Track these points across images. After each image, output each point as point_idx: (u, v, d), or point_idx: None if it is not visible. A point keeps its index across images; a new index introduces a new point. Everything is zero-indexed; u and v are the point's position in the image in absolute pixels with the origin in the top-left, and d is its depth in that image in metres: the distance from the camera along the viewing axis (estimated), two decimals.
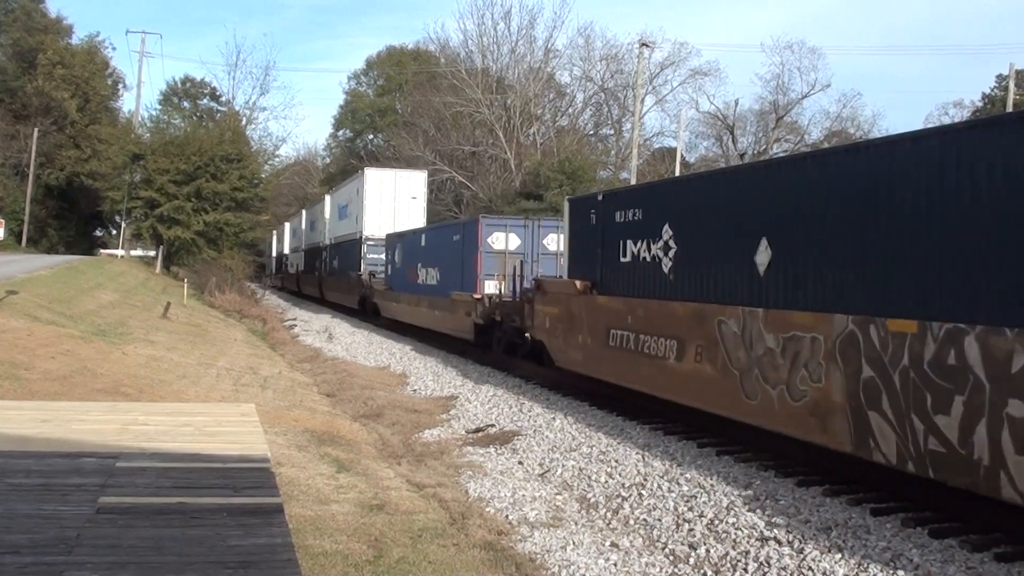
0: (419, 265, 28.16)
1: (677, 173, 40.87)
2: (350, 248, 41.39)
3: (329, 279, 47.11)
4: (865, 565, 7.43)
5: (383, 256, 35.43)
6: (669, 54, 60.33)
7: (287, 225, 71.64)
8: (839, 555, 7.65)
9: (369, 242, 38.16)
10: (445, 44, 66.09)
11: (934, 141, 8.44)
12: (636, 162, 46.16)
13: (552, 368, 17.03)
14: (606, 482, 10.43)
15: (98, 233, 71.34)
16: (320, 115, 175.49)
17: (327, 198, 50.35)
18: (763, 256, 10.53)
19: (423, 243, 28.37)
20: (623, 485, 10.22)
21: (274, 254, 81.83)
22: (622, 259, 14.24)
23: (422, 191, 40.21)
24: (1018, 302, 7.30)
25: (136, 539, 4.48)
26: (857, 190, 9.12)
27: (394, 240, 32.91)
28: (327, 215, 50.09)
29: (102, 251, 64.11)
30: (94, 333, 18.04)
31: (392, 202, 38.92)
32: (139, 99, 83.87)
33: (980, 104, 57.18)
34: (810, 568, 7.45)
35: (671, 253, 12.76)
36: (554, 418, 14.24)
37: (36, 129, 57.70)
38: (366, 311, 36.81)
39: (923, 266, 8.25)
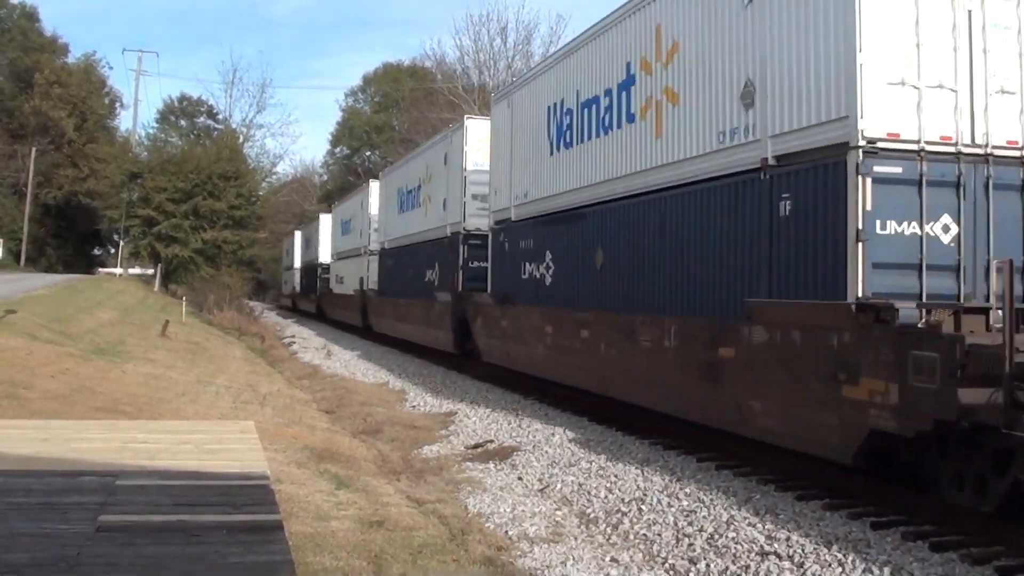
0: None
1: None
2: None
3: (531, 315, 17.93)
4: None
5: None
6: None
7: (323, 221, 51.85)
8: (839, 569, 7.64)
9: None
10: (441, 60, 66.30)
11: None
12: None
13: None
14: (606, 497, 10.41)
15: (96, 252, 71.41)
16: (317, 132, 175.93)
17: (463, 128, 23.32)
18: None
19: None
20: (623, 500, 10.21)
21: (296, 265, 61.60)
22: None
23: None
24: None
25: (136, 557, 4.49)
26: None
27: None
28: (506, 159, 20.27)
29: (100, 270, 64.10)
30: (93, 352, 18.02)
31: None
32: (136, 117, 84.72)
33: None
34: None
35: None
36: (553, 433, 14.22)
37: (33, 148, 57.84)
38: None
39: None
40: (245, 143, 63.93)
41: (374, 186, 36.50)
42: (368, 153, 79.82)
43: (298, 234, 62.47)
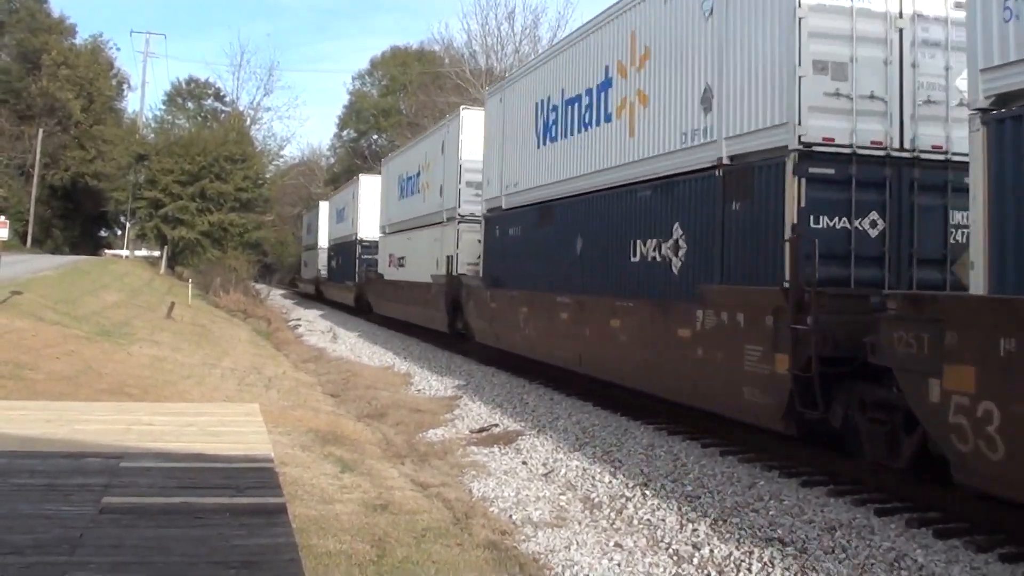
0: None
1: None
2: None
3: None
4: (869, 566, 7.41)
5: None
6: None
7: (364, 183, 40.36)
8: (843, 555, 7.63)
9: None
10: (449, 44, 66.06)
11: None
12: None
13: None
14: (610, 482, 10.42)
15: (103, 234, 71.53)
16: (324, 115, 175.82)
17: None
18: None
19: None
20: (627, 485, 10.22)
21: (323, 243, 51.07)
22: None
23: None
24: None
25: (140, 539, 4.49)
26: None
27: None
28: None
29: (107, 252, 64.25)
30: (99, 333, 18.06)
31: None
32: (143, 100, 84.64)
33: None
34: (814, 569, 7.44)
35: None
36: (557, 418, 14.23)
37: (41, 130, 57.84)
38: None
39: None
40: (252, 126, 63.75)
41: (470, 116, 23.74)
42: (375, 137, 79.69)
43: (324, 205, 52.15)
